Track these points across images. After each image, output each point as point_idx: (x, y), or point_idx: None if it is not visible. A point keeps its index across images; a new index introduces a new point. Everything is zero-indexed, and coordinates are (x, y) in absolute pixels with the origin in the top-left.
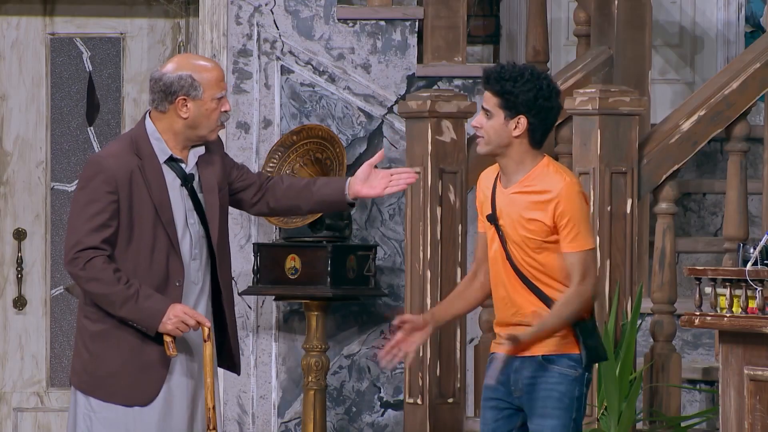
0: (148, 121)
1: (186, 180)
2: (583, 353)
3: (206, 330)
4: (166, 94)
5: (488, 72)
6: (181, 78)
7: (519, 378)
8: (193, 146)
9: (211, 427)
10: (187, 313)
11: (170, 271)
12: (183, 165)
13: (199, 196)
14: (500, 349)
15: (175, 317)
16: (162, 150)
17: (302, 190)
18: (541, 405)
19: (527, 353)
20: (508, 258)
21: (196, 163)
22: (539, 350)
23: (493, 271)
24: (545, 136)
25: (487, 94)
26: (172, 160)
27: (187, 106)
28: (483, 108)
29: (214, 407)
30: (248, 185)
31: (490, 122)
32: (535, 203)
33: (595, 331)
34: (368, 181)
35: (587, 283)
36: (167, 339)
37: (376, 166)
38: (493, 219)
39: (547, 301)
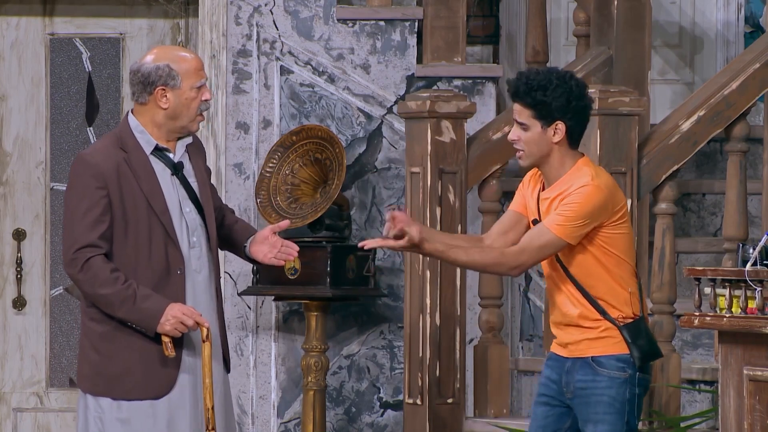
0: (130, 117)
1: (175, 168)
2: (635, 355)
3: (205, 330)
4: (144, 85)
5: (516, 85)
6: (159, 68)
7: (570, 380)
8: (180, 138)
9: (210, 428)
10: (185, 313)
11: (170, 260)
12: (170, 154)
13: (192, 184)
14: (555, 349)
15: (173, 318)
16: (147, 141)
17: (227, 228)
18: (592, 411)
19: (578, 354)
20: (557, 258)
21: (187, 152)
22: (589, 351)
23: (546, 272)
24: (582, 134)
25: (518, 107)
26: (158, 150)
27: (166, 96)
28: (517, 121)
29: (212, 407)
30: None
31: (527, 134)
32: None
33: (644, 330)
34: (263, 244)
35: (520, 256)
36: (165, 339)
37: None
38: (537, 223)
39: (592, 300)
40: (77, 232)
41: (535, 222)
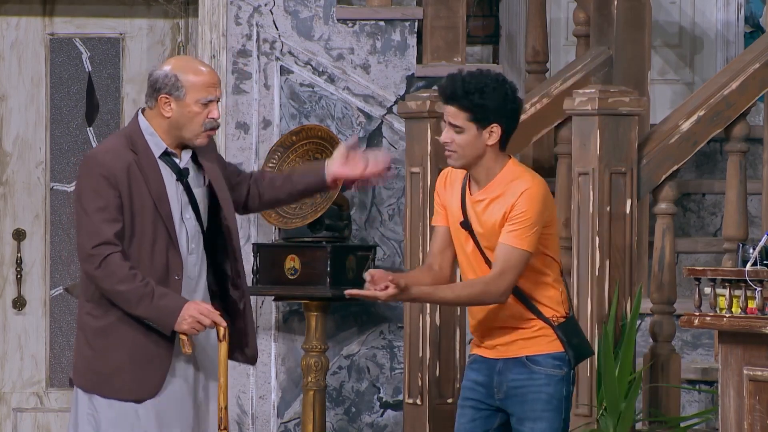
0: (141, 117)
1: (181, 174)
2: (570, 354)
3: (222, 330)
4: (152, 90)
5: (452, 89)
6: (167, 76)
7: (503, 380)
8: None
9: (222, 427)
10: (202, 312)
11: (170, 265)
12: (177, 160)
13: (195, 191)
14: (480, 351)
15: (190, 317)
16: (157, 144)
17: (284, 182)
18: (530, 408)
19: (510, 355)
20: (487, 261)
21: (197, 158)
22: (523, 351)
23: (469, 273)
24: (511, 136)
25: (453, 110)
26: (166, 155)
27: (170, 105)
28: (450, 124)
29: (226, 407)
30: (239, 183)
31: (461, 137)
32: (501, 208)
33: (576, 328)
34: (347, 163)
35: (503, 280)
36: (183, 337)
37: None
38: (466, 225)
39: (526, 301)
40: (93, 229)
41: (464, 224)
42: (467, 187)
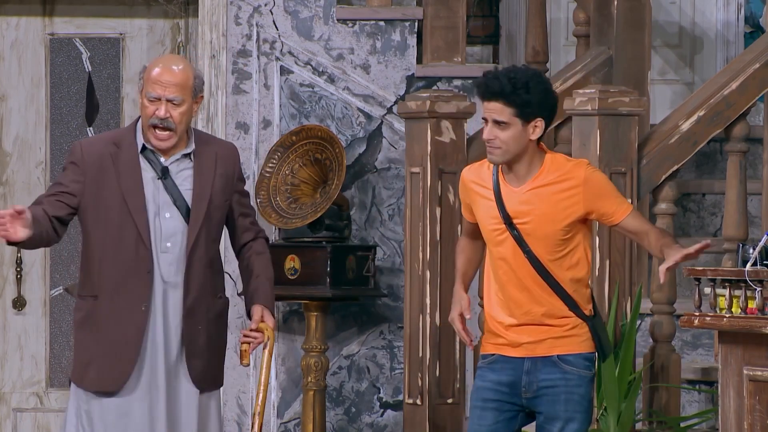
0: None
1: (164, 173)
2: (599, 349)
3: (266, 338)
4: None
5: (499, 86)
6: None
7: (532, 380)
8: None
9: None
10: None
11: (140, 260)
12: (161, 158)
13: (184, 191)
14: (501, 350)
15: None
16: (139, 140)
17: (245, 277)
18: (562, 408)
19: (539, 353)
20: (529, 256)
21: (192, 159)
22: (554, 350)
23: (501, 270)
24: (547, 130)
25: (498, 106)
26: (147, 151)
27: (140, 97)
28: (495, 121)
29: (260, 413)
30: (238, 226)
31: (506, 133)
32: (561, 193)
33: (603, 325)
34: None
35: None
36: (243, 348)
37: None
38: (508, 220)
39: (565, 296)
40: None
41: (507, 222)
42: (501, 181)
